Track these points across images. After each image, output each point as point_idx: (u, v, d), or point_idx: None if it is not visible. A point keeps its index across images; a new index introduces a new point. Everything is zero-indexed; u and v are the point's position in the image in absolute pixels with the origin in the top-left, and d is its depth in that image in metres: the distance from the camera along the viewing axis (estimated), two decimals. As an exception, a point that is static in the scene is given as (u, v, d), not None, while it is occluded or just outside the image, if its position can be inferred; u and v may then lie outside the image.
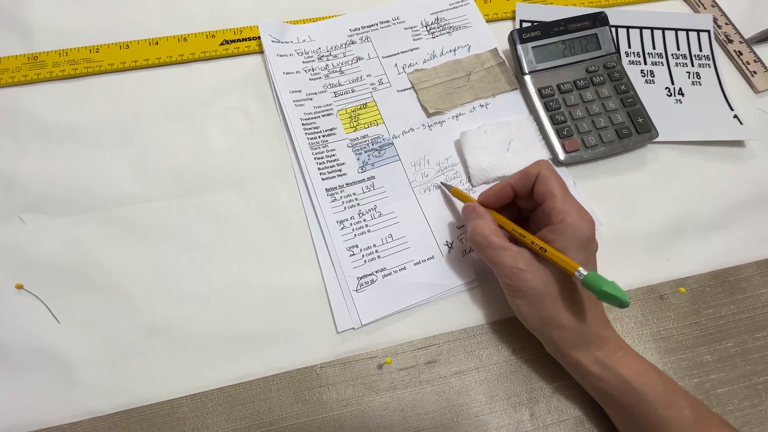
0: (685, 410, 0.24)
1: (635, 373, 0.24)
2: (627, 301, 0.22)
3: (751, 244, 0.33)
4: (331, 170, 0.33)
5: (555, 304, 0.25)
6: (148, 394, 0.27)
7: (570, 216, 0.25)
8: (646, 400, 0.24)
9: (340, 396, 0.27)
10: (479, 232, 0.26)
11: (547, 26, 0.36)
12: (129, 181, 0.32)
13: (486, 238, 0.26)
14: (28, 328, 0.28)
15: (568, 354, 0.25)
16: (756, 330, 0.30)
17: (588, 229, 0.25)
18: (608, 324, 0.26)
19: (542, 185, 0.26)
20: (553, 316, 0.25)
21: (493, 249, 0.26)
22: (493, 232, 0.26)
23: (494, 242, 0.26)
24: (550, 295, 0.25)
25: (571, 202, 0.25)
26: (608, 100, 0.35)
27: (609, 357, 0.25)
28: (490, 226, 0.26)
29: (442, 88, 0.36)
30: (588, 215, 0.25)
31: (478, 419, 0.27)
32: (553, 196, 0.25)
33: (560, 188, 0.26)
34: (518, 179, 0.27)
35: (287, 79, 0.35)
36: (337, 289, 0.30)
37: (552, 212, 0.25)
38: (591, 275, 0.23)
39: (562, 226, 0.25)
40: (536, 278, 0.25)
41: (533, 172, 0.27)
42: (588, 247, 0.25)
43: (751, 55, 0.40)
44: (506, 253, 0.25)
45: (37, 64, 0.35)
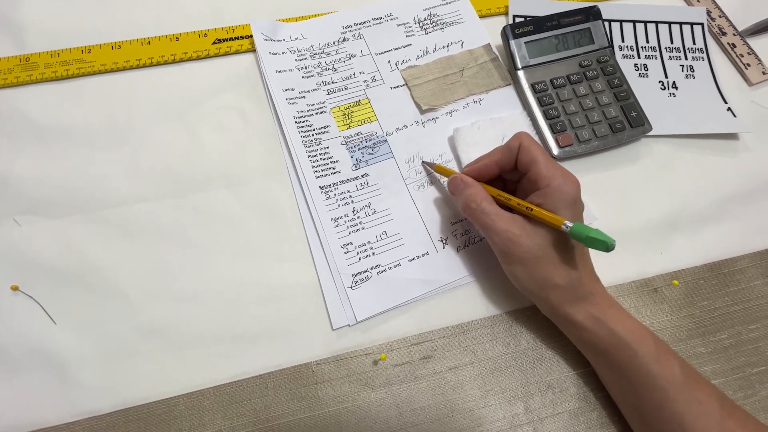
0: (675, 367, 0.24)
1: (627, 329, 0.25)
2: (612, 243, 0.23)
3: (745, 237, 0.33)
4: (325, 168, 0.33)
5: (549, 264, 0.25)
6: (145, 393, 0.27)
7: (555, 179, 0.26)
8: (637, 355, 0.24)
9: (335, 392, 0.27)
10: (472, 200, 0.27)
11: (540, 21, 0.36)
12: (123, 182, 0.32)
13: (479, 204, 0.27)
14: (24, 330, 0.28)
15: (563, 311, 0.26)
16: (750, 321, 0.30)
17: (573, 189, 0.26)
18: (598, 280, 0.27)
19: (525, 154, 0.27)
20: (549, 277, 0.25)
21: (487, 215, 0.26)
22: (485, 199, 0.27)
23: (488, 209, 0.26)
24: (544, 257, 0.25)
25: (554, 167, 0.26)
26: (602, 94, 0.35)
27: (602, 312, 0.25)
28: (481, 194, 0.27)
29: (435, 84, 0.36)
30: (572, 176, 0.26)
31: (473, 413, 0.27)
32: (537, 163, 0.26)
33: (542, 154, 0.27)
34: (502, 155, 0.28)
35: (280, 77, 0.35)
36: (332, 286, 0.30)
37: (537, 178, 0.26)
38: (577, 225, 0.24)
39: (549, 189, 0.26)
40: (531, 241, 0.25)
41: (514, 144, 0.27)
42: (575, 206, 0.26)
43: (745, 47, 0.40)
44: (500, 218, 0.26)
45: (29, 65, 0.35)
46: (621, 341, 0.25)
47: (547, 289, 0.26)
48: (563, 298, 0.26)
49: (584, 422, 0.27)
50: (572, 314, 0.26)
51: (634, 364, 0.24)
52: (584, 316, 0.26)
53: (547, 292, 0.26)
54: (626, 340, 0.25)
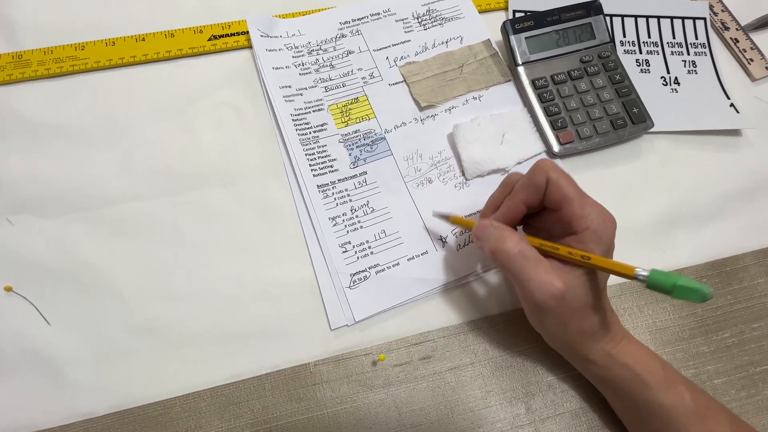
0: (685, 396, 0.24)
1: (636, 360, 0.24)
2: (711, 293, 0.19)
3: (748, 234, 0.33)
4: (323, 166, 0.32)
5: (583, 314, 0.23)
6: (141, 394, 0.27)
7: (594, 221, 0.23)
8: (646, 386, 0.24)
9: (334, 393, 0.27)
10: (508, 241, 0.23)
11: (541, 16, 0.36)
12: (118, 180, 0.31)
13: (518, 244, 0.22)
14: (18, 331, 0.27)
15: (578, 351, 0.25)
16: (753, 320, 0.30)
17: (613, 231, 0.23)
18: (613, 313, 0.26)
19: (555, 192, 0.23)
20: (579, 325, 0.23)
21: (527, 259, 0.22)
22: (524, 240, 0.23)
23: (528, 252, 0.22)
24: (582, 309, 0.23)
25: (590, 205, 0.23)
26: (603, 90, 0.35)
27: (614, 347, 0.25)
28: (518, 235, 0.23)
29: (435, 80, 0.36)
30: (609, 215, 0.24)
31: (474, 414, 0.27)
32: (570, 202, 0.23)
33: (574, 190, 0.23)
34: (528, 194, 0.24)
35: (277, 74, 0.35)
36: (330, 285, 0.29)
37: (572, 219, 0.23)
38: (656, 273, 0.20)
39: (588, 234, 0.23)
40: (573, 295, 0.23)
41: (540, 179, 0.23)
42: (611, 250, 0.24)
43: (748, 42, 0.39)
44: (542, 266, 0.22)
45: (22, 62, 0.34)
46: (630, 373, 0.24)
47: (571, 334, 0.24)
48: (585, 340, 0.24)
49: (586, 423, 0.27)
50: (587, 353, 0.24)
51: (644, 396, 0.24)
52: (598, 354, 0.24)
53: (570, 337, 0.24)
54: (635, 371, 0.24)
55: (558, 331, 0.24)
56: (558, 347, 0.26)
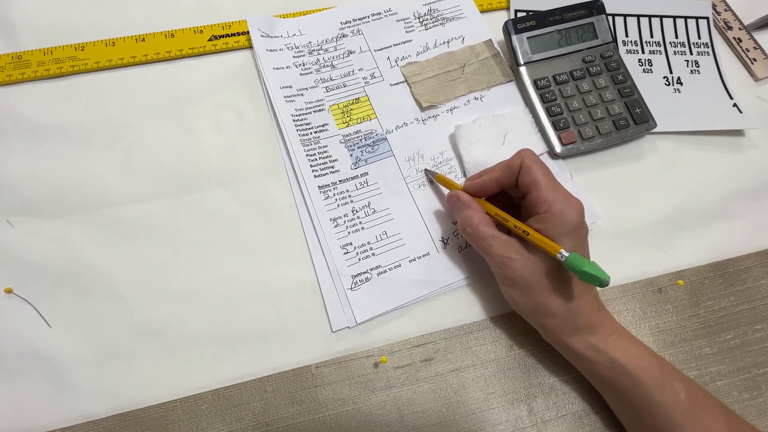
0: (680, 393, 0.24)
1: (629, 357, 0.24)
2: (606, 280, 0.22)
3: (751, 235, 0.32)
4: (324, 167, 0.32)
5: (544, 291, 0.25)
6: (142, 397, 0.26)
7: (556, 204, 0.25)
8: (640, 383, 0.24)
9: (336, 396, 0.27)
10: (469, 223, 0.26)
11: (543, 15, 0.35)
12: (118, 181, 0.31)
13: (475, 228, 0.26)
14: (19, 333, 0.27)
15: (561, 340, 0.25)
16: (756, 321, 0.30)
17: (575, 216, 0.25)
18: (602, 308, 0.26)
19: (526, 175, 0.26)
20: (544, 304, 0.25)
21: (482, 239, 0.26)
22: (482, 221, 0.26)
23: (483, 232, 0.26)
24: (539, 284, 0.25)
25: (556, 190, 0.25)
26: (605, 90, 0.35)
27: (602, 341, 0.25)
28: (479, 216, 0.26)
29: (436, 81, 0.35)
30: (575, 201, 0.25)
31: (476, 416, 0.27)
32: (538, 185, 0.25)
33: (544, 176, 0.25)
34: (502, 173, 0.27)
35: (277, 74, 0.35)
36: (332, 287, 0.29)
37: (537, 202, 0.25)
38: (572, 256, 0.23)
39: (548, 215, 0.25)
40: (525, 267, 0.25)
41: (516, 163, 0.26)
42: (577, 233, 0.25)
43: (751, 42, 0.39)
44: (495, 242, 0.25)
45: (22, 63, 0.34)
46: (622, 369, 0.24)
47: (542, 315, 0.25)
48: (560, 326, 0.25)
49: (588, 425, 0.27)
50: (571, 344, 0.25)
51: (638, 392, 0.24)
52: (584, 346, 0.25)
53: (542, 318, 0.25)
54: (627, 368, 0.24)
55: (521, 301, 0.26)
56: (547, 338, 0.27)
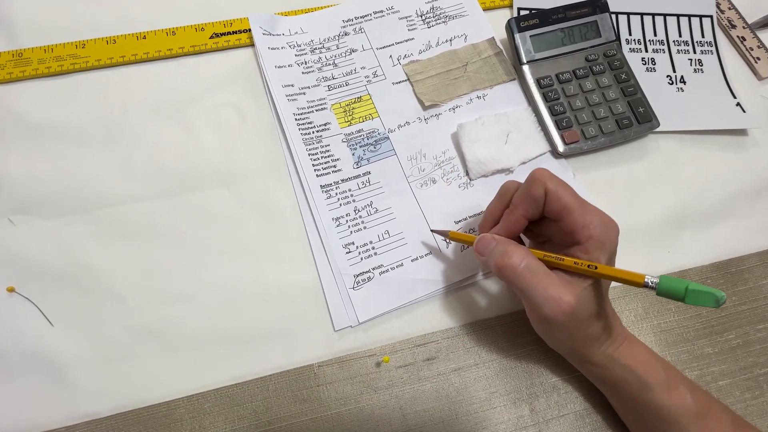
0: (687, 397, 0.24)
1: (638, 362, 0.24)
2: (723, 297, 0.19)
3: (753, 235, 0.32)
4: (326, 166, 0.32)
5: (588, 323, 0.23)
6: (144, 396, 0.26)
7: (596, 228, 0.22)
8: (647, 388, 0.24)
9: (338, 395, 0.27)
10: (514, 256, 0.22)
11: (546, 14, 0.35)
12: (118, 181, 0.31)
13: (522, 261, 0.22)
14: (21, 332, 0.27)
15: (581, 354, 0.25)
16: (758, 321, 0.30)
17: (616, 237, 0.23)
18: (616, 316, 0.26)
19: (554, 203, 0.23)
20: (585, 332, 0.23)
21: (534, 275, 0.22)
22: (529, 255, 0.23)
23: (534, 267, 0.22)
24: (587, 318, 0.23)
25: (591, 212, 0.23)
26: (608, 89, 0.35)
27: (615, 349, 0.25)
28: (523, 249, 0.23)
29: (438, 79, 0.35)
30: (611, 221, 0.23)
31: (478, 415, 0.27)
32: (571, 211, 0.23)
33: (574, 199, 0.23)
34: (527, 207, 0.24)
35: (279, 72, 0.34)
36: (334, 287, 0.29)
37: (575, 229, 0.23)
38: (666, 279, 0.20)
39: (592, 242, 0.22)
40: (580, 308, 0.22)
41: (538, 192, 0.23)
42: (615, 255, 0.24)
43: (755, 40, 0.39)
44: (550, 281, 0.22)
45: (22, 61, 0.34)
46: (631, 374, 0.24)
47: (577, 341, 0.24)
48: (589, 345, 0.24)
49: (590, 424, 0.27)
50: (589, 356, 0.24)
51: (645, 397, 0.24)
52: (600, 357, 0.24)
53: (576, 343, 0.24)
54: (636, 372, 0.24)
55: (565, 340, 0.24)
56: (561, 351, 0.26)
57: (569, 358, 0.26)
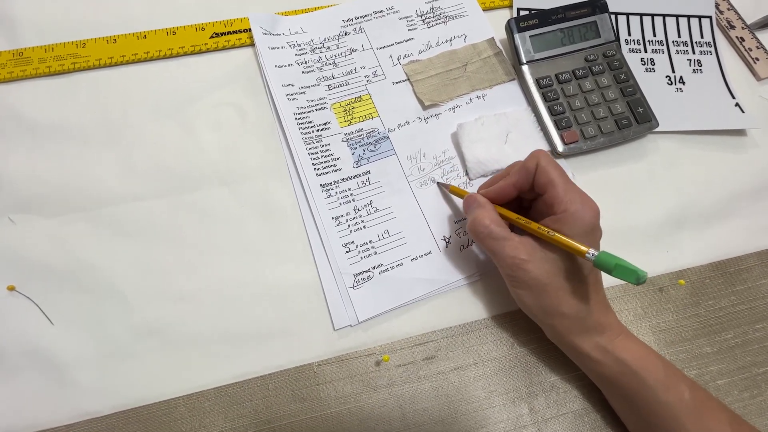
0: (685, 394, 0.24)
1: (635, 358, 0.24)
2: (644, 275, 0.21)
3: (752, 235, 0.32)
4: (326, 165, 0.32)
5: (557, 293, 0.25)
6: (145, 394, 0.27)
7: (573, 204, 0.24)
8: (645, 384, 0.24)
9: (338, 393, 0.27)
10: (480, 222, 0.26)
11: (545, 14, 0.35)
12: (118, 180, 0.31)
13: (487, 227, 0.25)
14: (22, 330, 0.27)
15: (569, 340, 0.25)
16: (756, 321, 0.30)
17: (592, 217, 0.25)
18: (610, 309, 0.26)
19: (542, 176, 0.25)
20: (556, 305, 0.25)
21: (494, 239, 0.25)
22: (494, 221, 0.26)
23: (495, 232, 0.25)
24: (552, 285, 0.25)
25: (573, 191, 0.25)
26: (608, 89, 0.35)
27: (609, 342, 0.25)
28: (491, 215, 0.26)
29: (438, 79, 0.35)
30: (591, 202, 0.25)
31: (477, 414, 0.27)
32: (555, 186, 0.25)
33: (560, 176, 0.25)
34: (519, 177, 0.26)
35: (279, 72, 0.35)
36: (334, 286, 0.29)
37: (554, 202, 0.25)
38: (603, 254, 0.23)
39: (566, 215, 0.24)
40: (538, 268, 0.24)
41: (531, 165, 0.26)
42: (592, 235, 0.25)
43: (754, 41, 0.39)
44: (508, 243, 0.25)
45: (23, 60, 0.34)
46: (628, 370, 0.24)
47: (553, 316, 0.25)
48: (570, 327, 0.25)
49: (589, 423, 0.27)
50: (579, 344, 0.25)
51: (643, 393, 0.24)
52: (591, 347, 0.25)
53: (552, 319, 0.25)
54: (633, 368, 0.24)
55: (532, 303, 0.25)
56: (552, 337, 0.27)
57: (564, 348, 0.27)
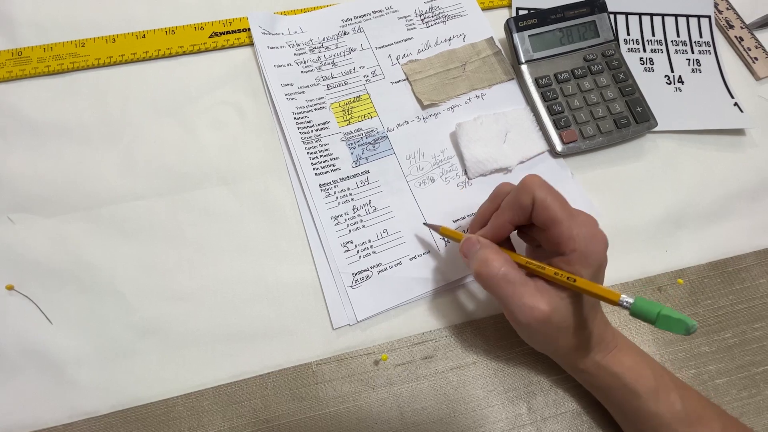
0: (676, 404, 0.24)
1: (627, 369, 0.24)
2: (694, 325, 0.19)
3: (751, 234, 0.32)
4: (325, 165, 0.32)
5: (569, 331, 0.23)
6: (143, 393, 0.27)
7: (582, 242, 0.22)
8: (636, 395, 0.24)
9: (336, 393, 0.27)
10: (491, 264, 0.22)
11: (544, 13, 0.35)
12: (118, 179, 0.31)
13: (500, 270, 0.22)
14: (20, 330, 0.27)
15: (567, 361, 0.25)
16: (755, 320, 0.30)
17: (602, 252, 0.22)
18: (608, 324, 0.26)
19: (541, 213, 0.22)
20: (567, 342, 0.24)
21: (510, 283, 0.22)
22: (508, 262, 0.23)
23: (511, 275, 0.22)
24: (569, 328, 0.23)
25: (579, 225, 0.22)
26: (606, 89, 0.35)
27: (603, 357, 0.25)
28: (502, 257, 0.23)
29: (437, 79, 0.35)
30: (600, 234, 0.23)
31: (476, 414, 0.27)
32: (559, 223, 0.22)
33: (562, 210, 0.22)
34: (513, 214, 0.23)
35: (278, 72, 0.35)
36: (332, 285, 0.29)
37: (560, 241, 0.22)
38: (640, 301, 0.20)
39: (576, 255, 0.22)
40: (559, 316, 0.22)
41: (526, 200, 0.23)
42: (601, 269, 0.23)
43: (753, 40, 0.39)
44: (526, 290, 0.22)
45: (22, 59, 0.34)
46: (620, 382, 0.24)
47: (560, 349, 0.24)
48: (573, 353, 0.24)
49: (587, 422, 0.27)
50: (576, 363, 0.25)
51: (634, 403, 0.24)
52: (588, 364, 0.25)
53: (558, 351, 0.25)
54: (625, 379, 0.24)
55: (547, 346, 0.25)
56: (548, 354, 0.27)
57: (558, 362, 0.27)
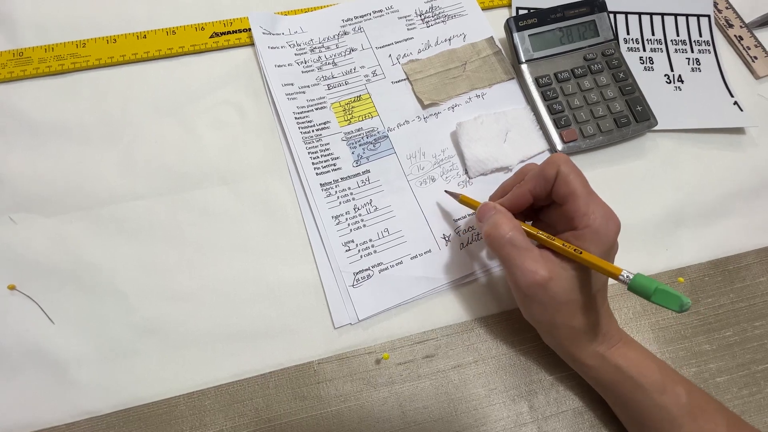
0: (682, 397, 0.24)
1: (631, 363, 0.24)
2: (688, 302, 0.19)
3: (751, 233, 0.33)
4: (326, 164, 0.32)
5: (571, 309, 0.23)
6: (145, 393, 0.27)
7: (596, 219, 0.22)
8: (641, 388, 0.24)
9: (338, 392, 0.27)
10: (500, 227, 0.23)
11: (544, 13, 0.35)
12: (119, 179, 0.31)
13: (508, 233, 0.23)
14: (22, 329, 0.27)
15: (570, 350, 0.25)
16: (755, 318, 0.30)
17: (615, 233, 0.23)
18: (612, 317, 0.26)
19: (562, 186, 0.23)
20: (567, 320, 0.24)
21: (515, 247, 0.23)
22: (516, 228, 0.23)
23: (518, 239, 0.23)
24: (568, 303, 0.23)
25: (595, 203, 0.23)
26: (606, 88, 0.35)
27: (608, 350, 0.25)
28: (513, 222, 0.24)
29: (438, 78, 0.35)
30: (614, 216, 0.23)
31: (477, 412, 0.27)
32: (576, 198, 0.23)
33: (583, 187, 0.23)
34: (535, 184, 0.24)
35: (279, 71, 0.35)
36: (334, 284, 0.29)
37: (575, 215, 0.23)
38: (639, 277, 0.21)
39: (588, 232, 0.22)
40: (558, 286, 0.23)
41: (551, 172, 0.23)
42: (610, 251, 0.23)
43: (752, 39, 0.39)
44: (529, 255, 0.23)
45: (23, 60, 0.34)
46: (624, 375, 0.24)
47: (560, 329, 0.24)
48: (575, 339, 0.24)
49: (588, 420, 0.27)
50: (578, 353, 0.25)
51: (639, 396, 0.24)
52: (589, 355, 0.25)
53: (558, 331, 0.24)
54: (629, 373, 0.24)
55: (545, 321, 0.24)
56: (551, 344, 0.27)
57: (561, 355, 0.27)
